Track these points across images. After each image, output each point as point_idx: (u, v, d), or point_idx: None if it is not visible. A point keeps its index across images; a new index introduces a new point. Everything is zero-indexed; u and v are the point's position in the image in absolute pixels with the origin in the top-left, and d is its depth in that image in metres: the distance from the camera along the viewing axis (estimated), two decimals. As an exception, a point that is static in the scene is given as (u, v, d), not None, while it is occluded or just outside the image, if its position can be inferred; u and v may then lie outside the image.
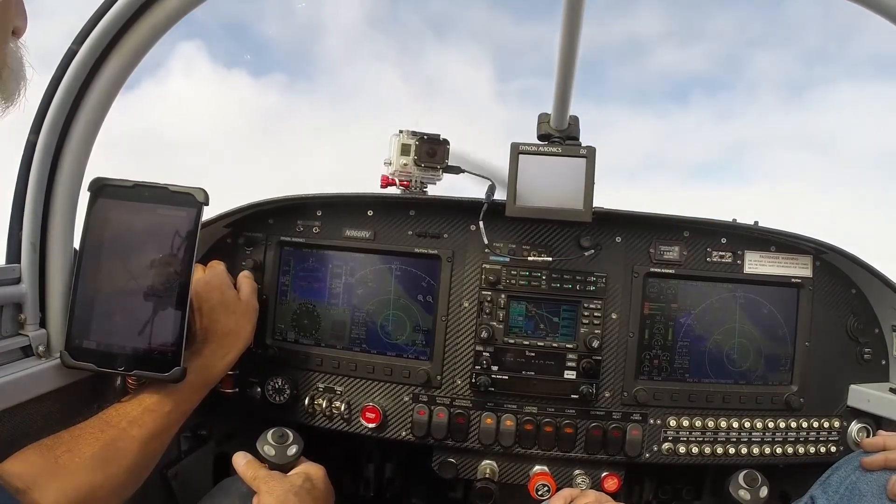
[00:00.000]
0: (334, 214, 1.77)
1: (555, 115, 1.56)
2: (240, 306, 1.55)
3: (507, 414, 1.70)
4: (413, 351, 1.75)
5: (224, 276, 1.56)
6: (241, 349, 1.52)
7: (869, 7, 1.10)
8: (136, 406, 1.28)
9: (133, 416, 1.25)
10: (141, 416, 1.26)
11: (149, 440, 1.26)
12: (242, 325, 1.53)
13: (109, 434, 1.21)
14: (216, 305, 1.49)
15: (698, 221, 1.73)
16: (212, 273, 1.54)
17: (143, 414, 1.27)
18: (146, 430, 1.25)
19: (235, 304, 1.54)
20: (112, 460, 1.18)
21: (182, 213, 1.33)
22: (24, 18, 0.93)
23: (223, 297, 1.51)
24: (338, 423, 1.74)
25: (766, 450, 1.72)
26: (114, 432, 1.21)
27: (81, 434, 1.19)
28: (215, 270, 1.55)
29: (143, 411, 1.27)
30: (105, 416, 1.24)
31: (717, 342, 1.76)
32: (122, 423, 1.23)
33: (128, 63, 1.34)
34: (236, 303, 1.54)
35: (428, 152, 1.74)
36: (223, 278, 1.55)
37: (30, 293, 1.34)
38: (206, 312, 1.48)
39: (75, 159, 1.35)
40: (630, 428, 1.69)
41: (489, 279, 1.70)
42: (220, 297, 1.51)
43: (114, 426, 1.22)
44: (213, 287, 1.51)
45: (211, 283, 1.51)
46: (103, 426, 1.22)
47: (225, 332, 1.48)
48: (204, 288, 1.49)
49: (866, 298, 1.79)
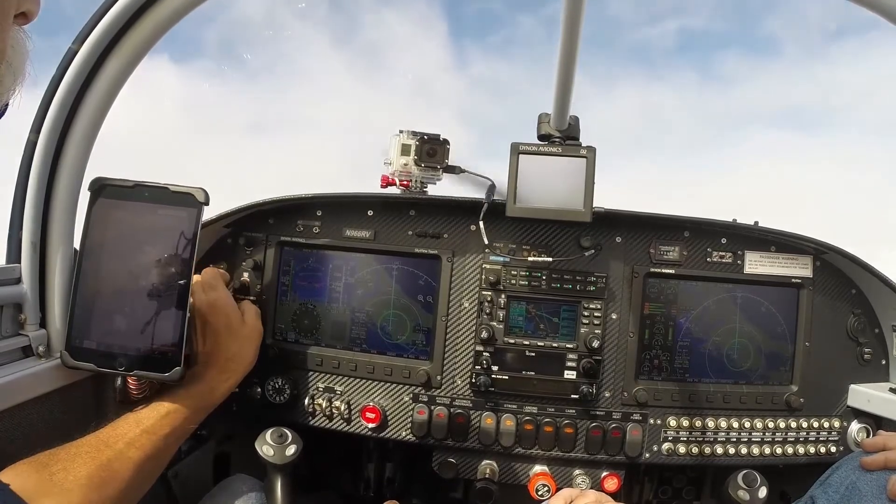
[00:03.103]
0: (334, 214, 1.77)
1: (555, 115, 1.56)
2: (243, 330, 1.53)
3: (507, 414, 1.70)
4: (413, 351, 1.75)
5: (228, 297, 1.53)
6: (242, 374, 1.51)
7: (869, 7, 1.10)
8: (135, 427, 1.26)
9: (131, 438, 1.23)
10: (139, 437, 1.24)
11: (145, 462, 1.24)
12: (246, 350, 1.52)
13: (106, 454, 1.18)
14: (220, 329, 1.48)
15: (698, 221, 1.73)
16: (215, 294, 1.50)
17: (141, 435, 1.25)
18: (143, 453, 1.23)
19: (239, 329, 1.52)
20: (107, 481, 1.16)
21: (182, 213, 1.33)
22: (37, 1, 0.78)
23: (228, 321, 1.49)
24: (338, 423, 1.74)
25: (767, 450, 1.72)
26: (110, 453, 1.19)
27: (78, 453, 1.16)
28: (218, 292, 1.51)
29: (141, 433, 1.25)
30: (102, 436, 1.22)
31: (717, 342, 1.76)
32: (120, 444, 1.21)
33: (128, 63, 1.35)
34: (240, 327, 1.52)
35: (428, 152, 1.74)
36: (227, 299, 1.52)
37: (30, 293, 1.34)
38: (209, 336, 1.47)
39: (76, 159, 1.35)
40: (630, 428, 1.69)
41: (489, 279, 1.70)
42: (225, 320, 1.49)
43: (111, 447, 1.20)
44: (218, 309, 1.48)
45: (216, 304, 1.49)
46: (100, 446, 1.20)
47: (228, 356, 1.47)
48: (209, 310, 1.47)
49: (866, 298, 1.79)
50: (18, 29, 0.78)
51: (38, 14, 0.79)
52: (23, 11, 0.77)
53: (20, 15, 0.77)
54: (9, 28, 0.75)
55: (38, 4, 0.79)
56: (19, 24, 0.78)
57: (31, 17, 0.79)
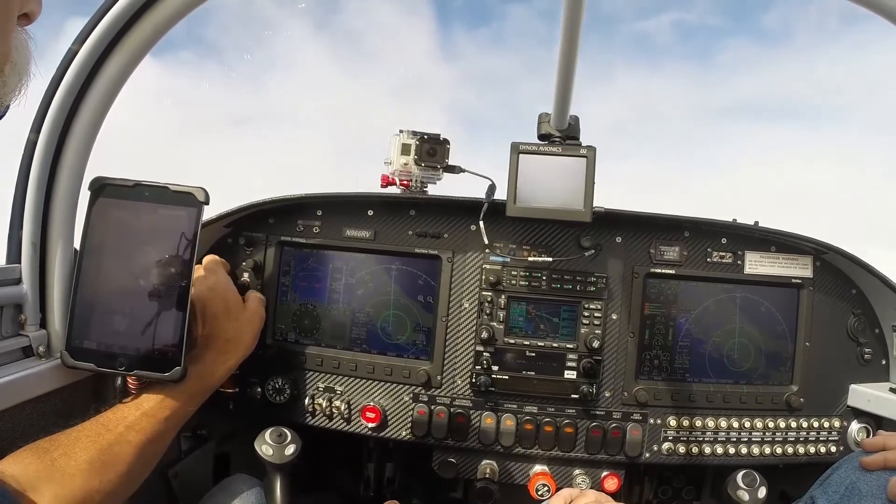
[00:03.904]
0: (334, 214, 1.77)
1: (555, 114, 1.56)
2: (243, 313, 1.54)
3: (507, 414, 1.70)
4: (413, 351, 1.75)
5: (227, 282, 1.55)
6: (241, 356, 1.51)
7: (869, 7, 1.10)
8: (134, 410, 1.26)
9: (131, 421, 1.24)
10: (139, 420, 1.25)
11: (146, 445, 1.24)
12: (245, 331, 1.52)
13: (106, 438, 1.19)
14: (219, 312, 1.49)
15: (698, 221, 1.73)
16: (215, 279, 1.52)
17: (140, 418, 1.25)
18: (144, 436, 1.24)
19: (238, 311, 1.53)
20: (109, 465, 1.17)
21: (182, 212, 1.33)
22: (39, 1, 0.78)
23: (226, 304, 1.51)
24: (338, 423, 1.74)
25: (767, 450, 1.72)
26: (111, 436, 1.20)
27: (79, 437, 1.17)
28: (218, 276, 1.53)
29: (140, 416, 1.26)
30: (102, 420, 1.23)
31: (717, 342, 1.76)
32: (120, 428, 1.22)
33: (129, 63, 1.35)
34: (239, 309, 1.54)
35: (428, 152, 1.74)
36: (227, 284, 1.54)
37: (30, 293, 1.34)
38: (208, 318, 1.48)
39: (76, 159, 1.35)
40: (630, 428, 1.69)
41: (489, 279, 1.70)
42: (223, 303, 1.50)
43: (111, 430, 1.21)
44: (217, 293, 1.50)
45: (215, 289, 1.50)
46: (100, 430, 1.20)
47: (226, 338, 1.48)
48: (208, 294, 1.48)
49: (866, 298, 1.79)
50: (21, 30, 0.78)
51: (40, 15, 0.79)
52: (25, 12, 0.77)
53: (23, 16, 0.77)
54: (13, 29, 0.75)
55: (41, 5, 0.79)
56: (22, 24, 0.78)
57: (34, 17, 0.79)
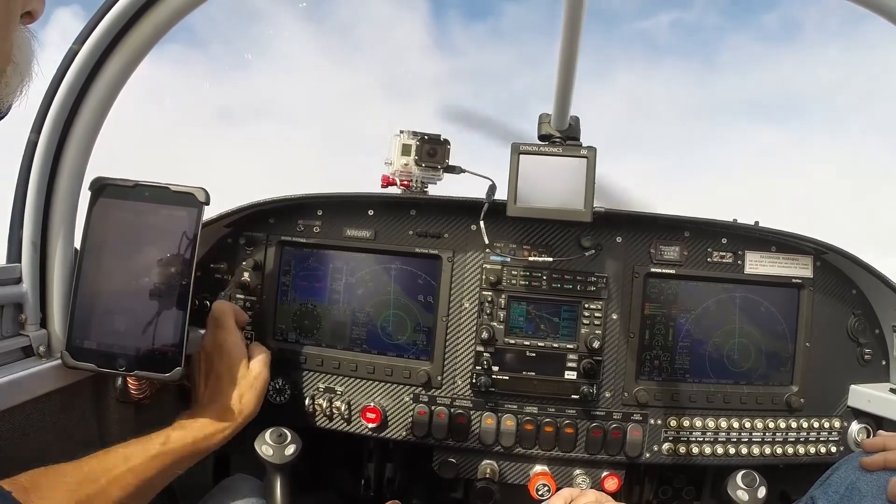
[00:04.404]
0: (335, 214, 1.77)
1: (555, 115, 1.56)
2: (247, 379, 1.47)
3: (507, 414, 1.70)
4: (414, 351, 1.75)
5: (236, 340, 1.49)
6: (240, 424, 1.43)
7: (869, 7, 1.10)
8: (122, 464, 1.20)
9: (116, 475, 1.18)
10: (124, 475, 1.19)
11: (127, 501, 1.18)
12: (246, 398, 1.44)
13: (87, 490, 1.12)
14: (223, 372, 1.44)
15: (699, 221, 1.73)
16: (224, 335, 1.47)
17: (126, 474, 1.19)
18: (125, 493, 1.18)
19: (243, 377, 1.46)
20: None
21: (183, 212, 1.33)
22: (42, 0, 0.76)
23: (231, 366, 1.45)
24: (338, 423, 1.74)
25: (767, 450, 1.72)
26: (92, 489, 1.13)
27: (60, 483, 1.10)
28: (227, 332, 1.48)
29: (126, 471, 1.19)
30: (87, 468, 1.16)
31: (717, 342, 1.76)
32: (103, 481, 1.15)
33: (129, 63, 1.35)
34: (244, 374, 1.47)
35: (429, 152, 1.74)
36: (235, 342, 1.48)
37: (30, 293, 1.34)
38: (212, 377, 1.44)
39: (76, 159, 1.35)
40: (630, 428, 1.69)
41: (490, 279, 1.70)
42: (228, 364, 1.45)
43: (93, 482, 1.14)
44: (224, 351, 1.45)
45: (223, 346, 1.46)
46: (83, 480, 1.13)
47: (227, 405, 1.42)
48: (215, 351, 1.45)
49: (867, 299, 1.79)
50: (23, 28, 0.77)
51: (43, 13, 0.77)
52: (28, 11, 0.76)
53: (25, 14, 0.76)
54: (15, 28, 0.73)
55: (43, 3, 0.77)
56: (24, 23, 0.77)
57: (37, 16, 0.78)
